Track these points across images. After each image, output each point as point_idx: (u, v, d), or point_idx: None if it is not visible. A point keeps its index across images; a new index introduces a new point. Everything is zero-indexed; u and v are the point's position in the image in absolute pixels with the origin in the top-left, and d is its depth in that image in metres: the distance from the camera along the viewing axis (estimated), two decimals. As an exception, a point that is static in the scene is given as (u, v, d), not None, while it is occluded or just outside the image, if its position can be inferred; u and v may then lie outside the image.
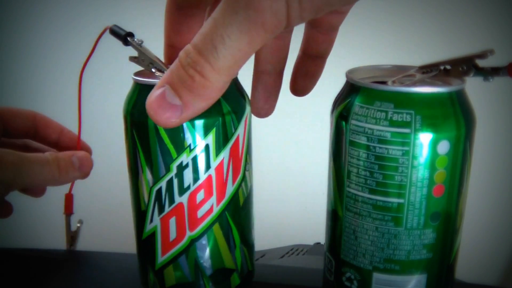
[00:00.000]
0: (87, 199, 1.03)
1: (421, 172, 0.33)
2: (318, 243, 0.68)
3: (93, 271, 0.52)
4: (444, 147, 0.32)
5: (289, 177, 0.37)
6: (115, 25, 0.38)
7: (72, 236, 0.50)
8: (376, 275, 0.36)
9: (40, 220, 1.09)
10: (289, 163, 0.37)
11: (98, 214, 1.06)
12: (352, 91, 0.35)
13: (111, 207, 1.05)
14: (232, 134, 0.37)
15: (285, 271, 0.51)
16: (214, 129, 0.36)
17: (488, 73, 0.33)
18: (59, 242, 0.47)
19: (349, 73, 0.36)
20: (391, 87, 0.33)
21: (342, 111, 0.35)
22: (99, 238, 0.94)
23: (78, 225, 0.50)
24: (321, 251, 0.65)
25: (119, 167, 0.98)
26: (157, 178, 0.37)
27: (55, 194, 0.46)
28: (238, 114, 0.38)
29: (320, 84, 0.41)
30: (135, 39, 0.38)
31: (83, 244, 0.58)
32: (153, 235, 0.38)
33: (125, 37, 0.38)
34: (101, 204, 1.07)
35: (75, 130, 0.47)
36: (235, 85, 0.39)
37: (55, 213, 0.52)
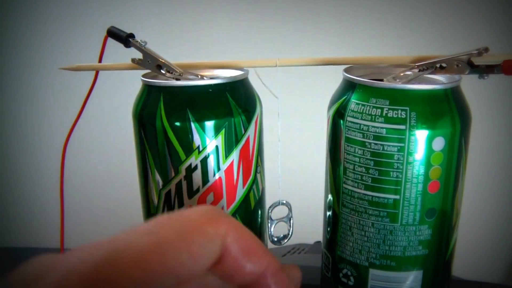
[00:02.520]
0: (91, 200, 1.04)
1: (416, 168, 0.33)
2: (318, 242, 0.68)
3: None
4: (439, 143, 0.33)
5: (288, 176, 0.37)
6: (113, 27, 0.37)
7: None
8: (373, 271, 0.36)
9: (38, 220, 1.09)
10: (289, 162, 0.37)
11: (102, 214, 1.07)
12: (348, 88, 0.35)
13: (114, 207, 1.05)
14: (242, 136, 0.37)
15: None
16: (223, 131, 0.36)
17: (483, 70, 0.33)
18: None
19: (345, 71, 0.37)
20: (386, 84, 0.33)
21: (338, 108, 0.35)
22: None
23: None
24: (320, 250, 0.65)
25: (122, 169, 0.99)
26: (166, 181, 0.37)
27: (52, 193, 0.46)
28: (249, 114, 0.37)
29: (318, 83, 0.41)
30: (138, 40, 0.37)
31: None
32: None
33: (127, 39, 0.37)
34: (104, 205, 1.08)
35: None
36: (246, 85, 0.39)
37: (52, 213, 0.52)
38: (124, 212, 0.98)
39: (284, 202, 0.41)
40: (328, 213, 0.38)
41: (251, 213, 0.39)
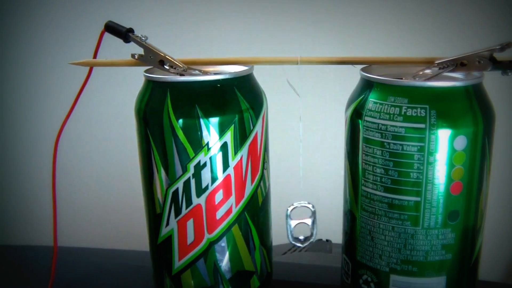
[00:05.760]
0: (85, 197, 1.04)
1: (437, 169, 0.31)
2: (320, 240, 0.67)
3: (88, 267, 0.53)
4: (461, 142, 0.31)
5: (291, 175, 0.37)
6: (111, 21, 0.37)
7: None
8: (394, 277, 0.34)
9: (31, 217, 1.09)
10: (291, 162, 0.37)
11: (97, 212, 1.07)
12: (365, 87, 0.34)
13: (109, 204, 1.05)
14: (251, 131, 0.36)
15: (288, 267, 0.51)
16: (232, 127, 0.35)
17: (506, 66, 0.32)
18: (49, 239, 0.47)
19: (363, 70, 0.36)
20: (404, 82, 0.32)
21: (356, 108, 0.34)
22: (98, 235, 0.95)
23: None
24: (323, 248, 0.64)
25: (117, 166, 0.99)
26: (173, 179, 0.36)
27: (44, 191, 0.46)
28: (256, 110, 0.37)
29: (331, 84, 0.41)
30: (139, 35, 0.37)
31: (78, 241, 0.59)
32: (169, 238, 0.37)
33: (126, 34, 0.37)
34: (98, 202, 1.07)
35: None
36: (252, 80, 0.38)
37: (43, 211, 0.52)
38: (119, 210, 0.98)
39: (306, 203, 0.40)
40: (347, 217, 0.37)
41: (259, 210, 0.39)
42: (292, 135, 0.38)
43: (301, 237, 0.41)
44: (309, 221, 0.40)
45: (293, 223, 0.40)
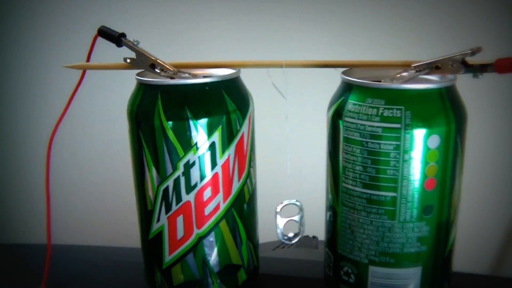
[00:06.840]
0: (78, 196, 1.05)
1: (412, 166, 0.33)
2: (307, 236, 0.70)
3: (81, 264, 0.54)
4: (434, 141, 0.33)
5: (278, 174, 0.38)
6: (104, 26, 0.39)
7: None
8: (372, 268, 0.36)
9: (24, 216, 1.09)
10: (278, 161, 0.39)
11: (90, 210, 1.07)
12: (346, 90, 0.36)
13: (102, 202, 1.06)
14: (237, 132, 0.38)
15: (275, 262, 0.53)
16: (220, 127, 0.37)
17: (477, 69, 0.34)
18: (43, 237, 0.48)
19: (343, 73, 0.38)
20: (381, 84, 0.34)
21: (336, 109, 0.36)
22: (95, 233, 0.96)
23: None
24: (310, 244, 0.67)
25: (110, 165, 0.99)
26: (163, 177, 0.38)
27: (38, 190, 0.47)
28: (243, 111, 0.39)
29: (315, 85, 0.42)
30: (131, 40, 0.38)
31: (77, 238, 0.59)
32: (160, 234, 0.39)
33: (119, 38, 0.38)
34: (91, 200, 1.08)
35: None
36: (238, 83, 0.40)
37: (37, 209, 0.53)
38: (111, 208, 0.99)
39: (294, 201, 0.42)
40: (329, 212, 0.39)
41: (245, 206, 0.41)
42: (278, 135, 0.40)
43: (291, 234, 0.43)
44: (297, 218, 0.42)
45: (283, 221, 0.42)
